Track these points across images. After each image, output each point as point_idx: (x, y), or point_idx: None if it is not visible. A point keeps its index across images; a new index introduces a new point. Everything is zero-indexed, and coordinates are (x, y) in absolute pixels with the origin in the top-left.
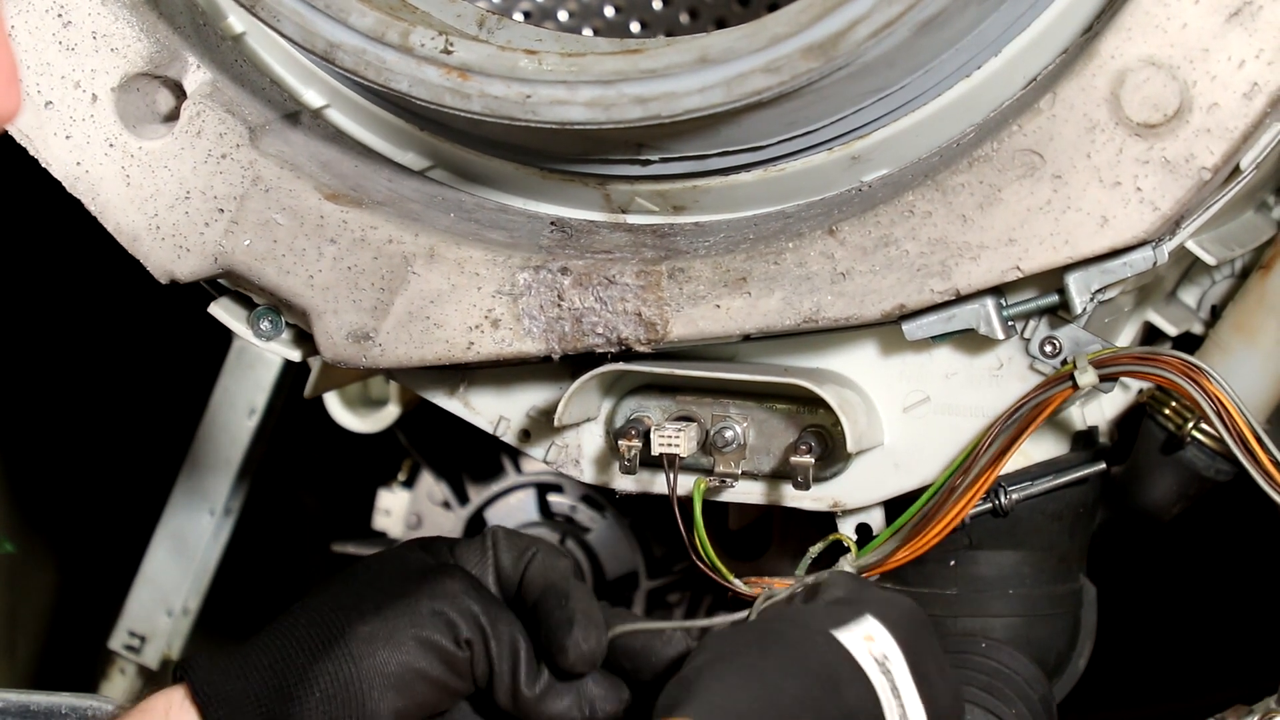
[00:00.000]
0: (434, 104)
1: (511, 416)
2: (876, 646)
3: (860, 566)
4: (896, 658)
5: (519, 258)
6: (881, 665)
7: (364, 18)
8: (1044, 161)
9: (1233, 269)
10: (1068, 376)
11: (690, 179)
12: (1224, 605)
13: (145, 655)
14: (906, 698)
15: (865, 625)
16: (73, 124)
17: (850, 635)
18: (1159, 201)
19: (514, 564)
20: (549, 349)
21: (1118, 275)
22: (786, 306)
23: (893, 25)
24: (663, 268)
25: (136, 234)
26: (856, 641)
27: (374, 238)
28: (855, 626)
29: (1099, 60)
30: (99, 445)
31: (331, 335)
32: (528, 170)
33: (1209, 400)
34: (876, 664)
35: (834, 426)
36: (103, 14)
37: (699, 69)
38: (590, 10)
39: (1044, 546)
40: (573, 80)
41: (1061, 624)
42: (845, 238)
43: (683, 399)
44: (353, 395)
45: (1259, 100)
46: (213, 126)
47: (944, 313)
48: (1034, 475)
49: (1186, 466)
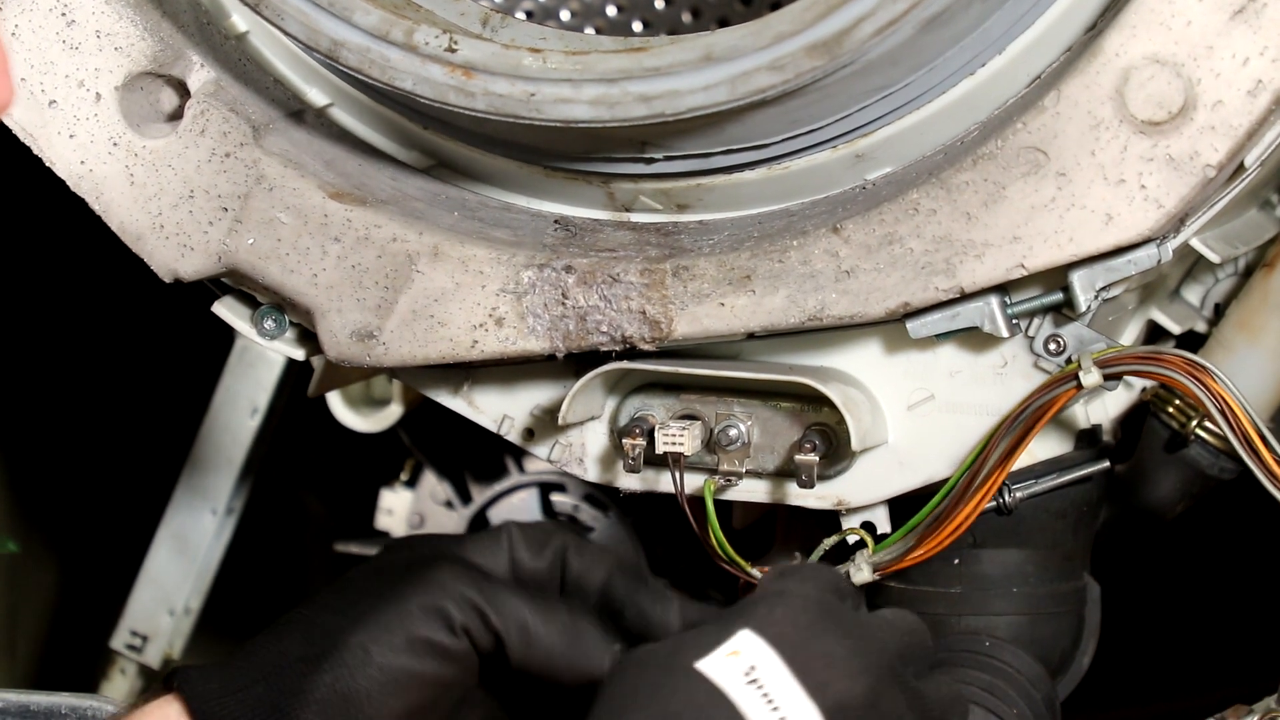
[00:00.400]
0: (438, 102)
1: (515, 415)
2: (742, 659)
3: (876, 563)
4: (768, 662)
5: (523, 256)
6: (749, 678)
7: (368, 16)
8: (1048, 159)
9: (1236, 267)
10: (1072, 376)
11: (694, 177)
12: (1225, 604)
13: (147, 655)
14: (783, 700)
15: (733, 641)
16: (76, 123)
17: (713, 662)
18: (1163, 199)
19: (534, 558)
20: (553, 347)
21: (1122, 273)
22: (791, 304)
23: (897, 23)
24: (667, 266)
25: (140, 233)
26: (719, 664)
27: (378, 236)
28: (722, 647)
29: (1103, 58)
30: (101, 444)
31: (335, 334)
32: (531, 169)
33: (1213, 399)
34: (743, 678)
35: (838, 425)
36: (106, 13)
37: (703, 67)
38: (592, 9)
39: (1048, 545)
40: (577, 78)
41: (1065, 622)
42: (850, 236)
43: (687, 397)
44: (355, 394)
45: (1263, 97)
46: (216, 125)
47: (948, 311)
48: (1038, 473)
49: (1190, 465)
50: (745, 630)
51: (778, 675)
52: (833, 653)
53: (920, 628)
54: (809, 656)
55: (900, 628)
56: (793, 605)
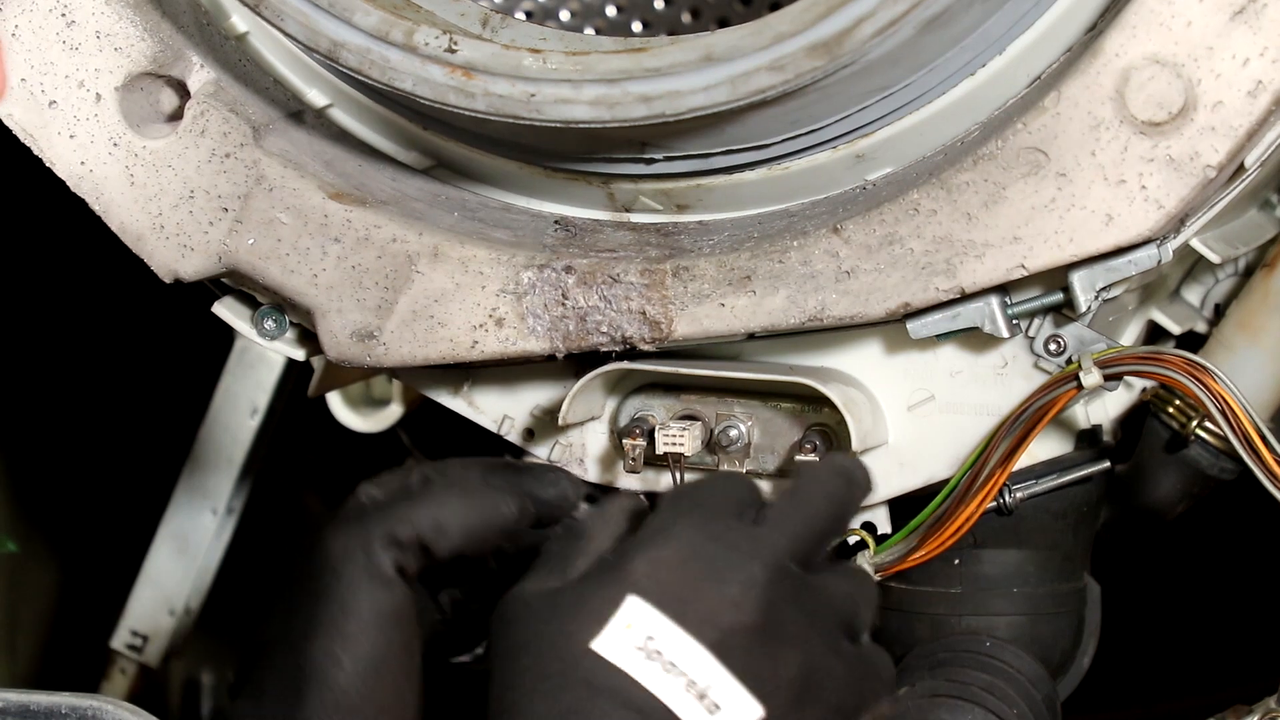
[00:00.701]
0: (438, 103)
1: (515, 415)
2: (636, 632)
3: (877, 564)
4: (662, 629)
5: (523, 256)
6: (647, 652)
7: (368, 17)
8: (1048, 159)
9: (1236, 267)
10: (1072, 376)
11: (694, 178)
12: (1225, 604)
13: (147, 654)
14: (684, 660)
15: (623, 613)
16: (76, 123)
17: (608, 641)
18: (1164, 199)
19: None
20: (553, 348)
21: (1122, 273)
22: (791, 305)
23: (897, 23)
24: (667, 266)
25: (141, 233)
26: (615, 642)
27: (378, 237)
28: (614, 621)
29: (1103, 58)
30: (101, 444)
31: (336, 334)
32: (531, 169)
33: (1214, 399)
34: (642, 654)
35: (839, 425)
36: (106, 13)
37: (704, 67)
38: (592, 10)
39: (1048, 545)
40: (577, 79)
41: (1066, 622)
42: (850, 236)
43: (687, 398)
44: (355, 394)
45: (1263, 98)
46: (216, 126)
47: (948, 311)
48: (1038, 474)
49: (1190, 465)
50: (631, 598)
51: (673, 639)
52: (719, 596)
53: (813, 522)
54: (697, 610)
55: (789, 530)
56: (677, 550)
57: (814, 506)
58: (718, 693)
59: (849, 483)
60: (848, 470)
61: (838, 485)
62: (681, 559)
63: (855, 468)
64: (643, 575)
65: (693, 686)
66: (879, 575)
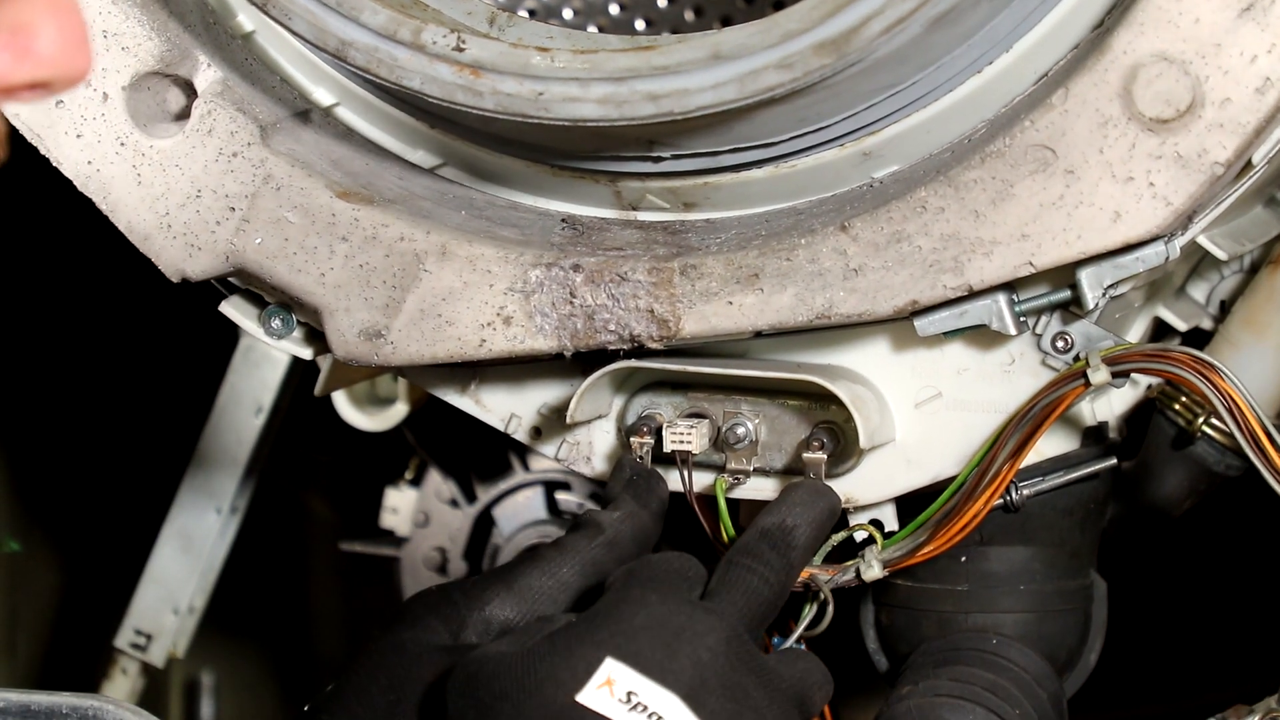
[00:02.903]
0: (446, 101)
1: (523, 414)
2: (618, 687)
3: (885, 560)
4: (640, 685)
5: (530, 255)
6: (630, 704)
7: (376, 15)
8: (1056, 157)
9: (1242, 264)
10: (1080, 373)
11: (701, 176)
12: (1230, 601)
13: (151, 653)
14: (665, 711)
15: (603, 670)
16: (84, 123)
17: (591, 693)
18: (1172, 197)
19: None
20: (561, 346)
21: (1130, 270)
22: (799, 303)
23: (905, 21)
24: (675, 264)
25: (148, 233)
26: (599, 695)
27: (385, 235)
28: (595, 678)
29: (1111, 55)
30: (105, 443)
31: (343, 333)
32: (538, 168)
33: (1220, 396)
34: (626, 706)
35: (846, 423)
36: (113, 13)
37: (711, 66)
38: (595, 8)
39: (1055, 542)
40: (585, 77)
41: (1072, 619)
42: (857, 234)
43: (694, 395)
44: (360, 393)
45: (1271, 95)
46: (224, 125)
47: (956, 308)
48: (1045, 471)
49: (1197, 462)
50: (610, 659)
51: (655, 695)
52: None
53: (753, 599)
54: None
55: (737, 604)
56: (645, 618)
57: (752, 586)
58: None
59: (784, 548)
60: (778, 532)
61: (771, 559)
62: (649, 625)
63: (791, 521)
64: (615, 638)
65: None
66: (886, 571)
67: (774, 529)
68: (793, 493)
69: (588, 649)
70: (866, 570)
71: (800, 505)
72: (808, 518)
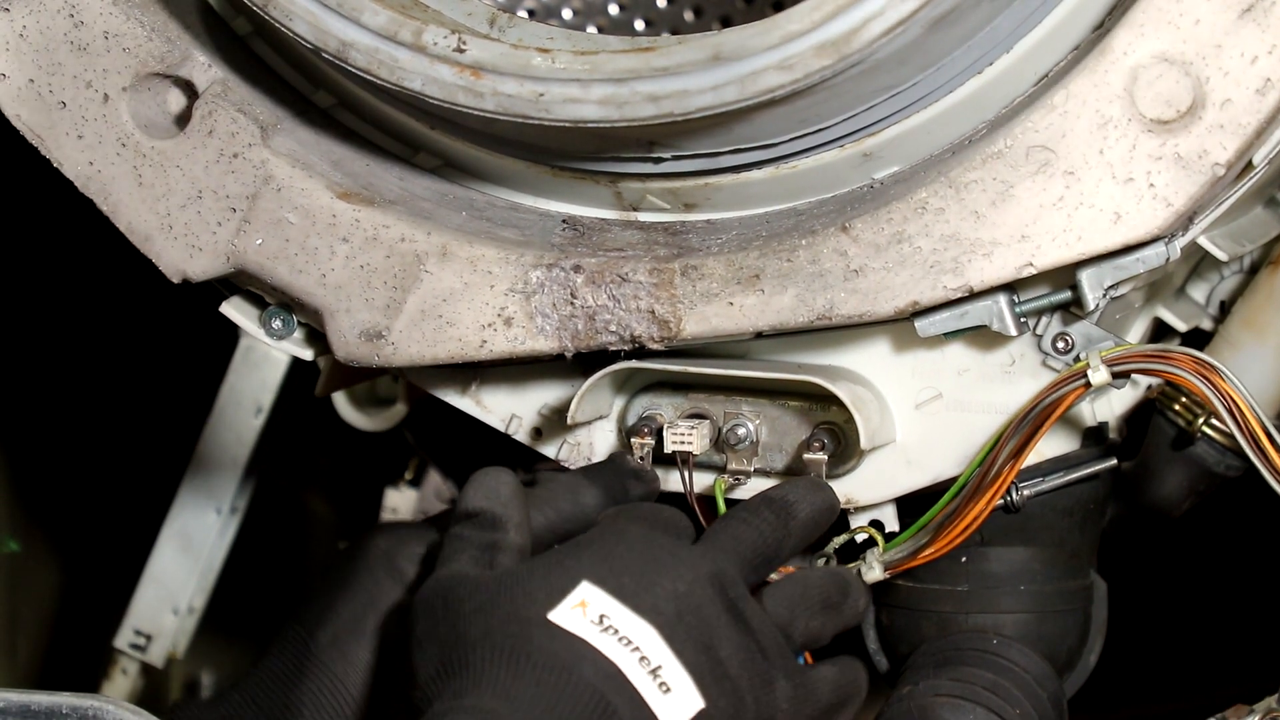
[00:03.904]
0: (447, 103)
1: (524, 414)
2: (592, 609)
3: (886, 561)
4: (614, 609)
5: (531, 256)
6: (602, 626)
7: (376, 16)
8: (1056, 158)
9: (1242, 264)
10: (1080, 374)
11: (702, 177)
12: (1230, 601)
13: (151, 654)
14: (637, 637)
15: (577, 593)
16: (85, 124)
17: (564, 613)
18: (1172, 198)
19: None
20: (562, 347)
21: (1130, 271)
22: (799, 304)
23: (905, 22)
24: (675, 265)
25: (149, 234)
26: (571, 615)
27: (386, 236)
28: (568, 599)
29: (1111, 56)
30: (105, 443)
31: (344, 334)
32: (539, 168)
33: (1220, 397)
34: (598, 628)
35: (847, 423)
36: (114, 14)
37: (712, 67)
38: (594, 8)
39: (1055, 542)
40: (586, 78)
41: (1072, 620)
42: (858, 235)
43: (695, 396)
44: (360, 394)
45: (1272, 96)
46: (224, 126)
47: (957, 309)
48: (1045, 471)
49: (1197, 462)
50: (585, 582)
51: (626, 620)
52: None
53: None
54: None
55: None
56: (627, 549)
57: (743, 535)
58: (668, 674)
59: (783, 515)
60: (779, 501)
61: (768, 517)
62: (631, 556)
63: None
64: (594, 564)
65: (646, 662)
66: (887, 574)
67: (776, 497)
68: (795, 481)
69: (564, 571)
70: (868, 572)
71: (802, 488)
72: (809, 499)
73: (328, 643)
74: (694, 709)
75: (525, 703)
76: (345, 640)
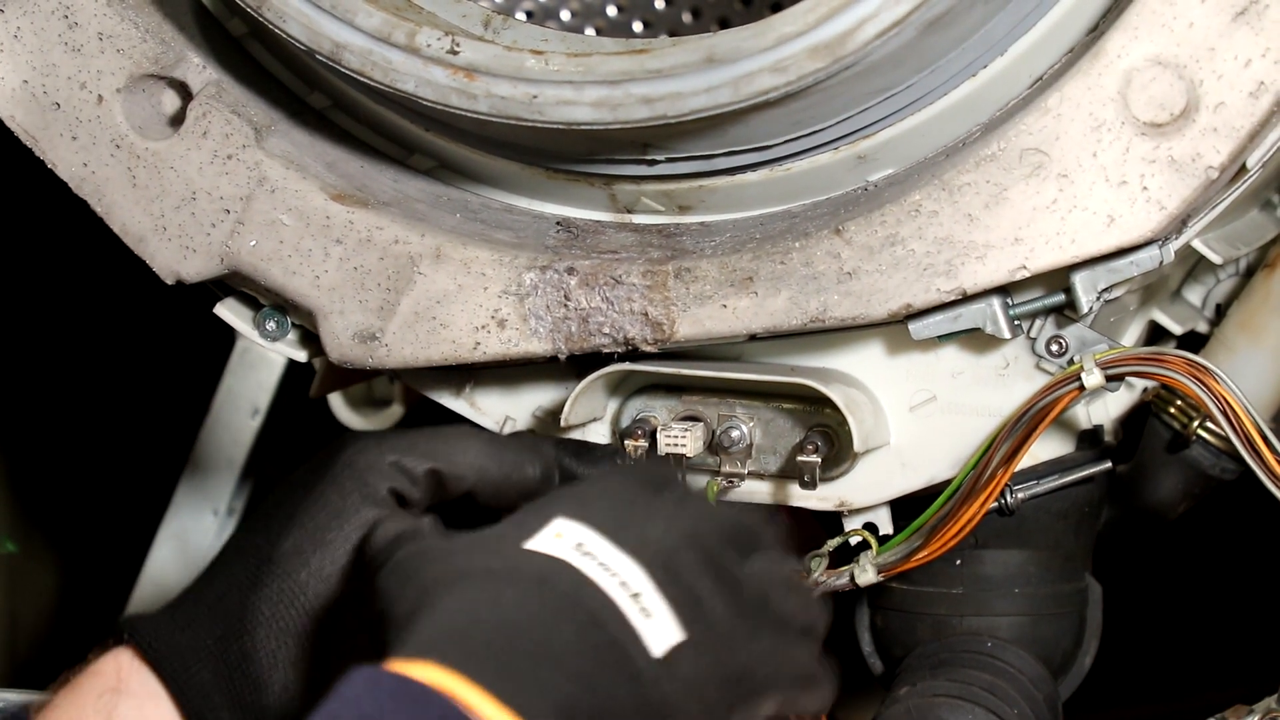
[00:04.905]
0: (441, 105)
1: (517, 416)
2: (567, 539)
3: (880, 564)
4: (592, 538)
5: (525, 258)
6: (580, 550)
7: (370, 18)
8: (1050, 160)
9: (1237, 267)
10: (1074, 377)
11: (696, 179)
12: (1226, 604)
13: None
14: (616, 565)
15: (552, 526)
16: (79, 125)
17: (540, 541)
18: (1166, 200)
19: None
20: (555, 349)
21: (1124, 274)
22: (793, 306)
23: (900, 25)
24: (669, 268)
25: (143, 235)
26: (548, 542)
27: (380, 238)
28: (543, 532)
29: (1105, 59)
30: (102, 445)
31: (338, 336)
32: (533, 170)
33: (1215, 400)
34: (578, 552)
35: (841, 426)
36: (109, 15)
37: (706, 69)
38: (592, 10)
39: (1050, 545)
40: (579, 80)
41: (1067, 623)
42: (852, 237)
43: (689, 399)
44: (356, 395)
45: (1265, 99)
46: (218, 127)
47: (950, 312)
48: (1040, 474)
49: (1192, 465)
50: (560, 518)
51: (604, 548)
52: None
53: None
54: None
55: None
56: (604, 492)
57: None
58: (648, 600)
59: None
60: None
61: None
62: (606, 497)
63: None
64: (569, 502)
65: (626, 587)
66: (881, 576)
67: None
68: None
69: (536, 510)
70: (861, 575)
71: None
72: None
73: (291, 550)
74: (675, 638)
75: (508, 608)
76: (307, 549)
